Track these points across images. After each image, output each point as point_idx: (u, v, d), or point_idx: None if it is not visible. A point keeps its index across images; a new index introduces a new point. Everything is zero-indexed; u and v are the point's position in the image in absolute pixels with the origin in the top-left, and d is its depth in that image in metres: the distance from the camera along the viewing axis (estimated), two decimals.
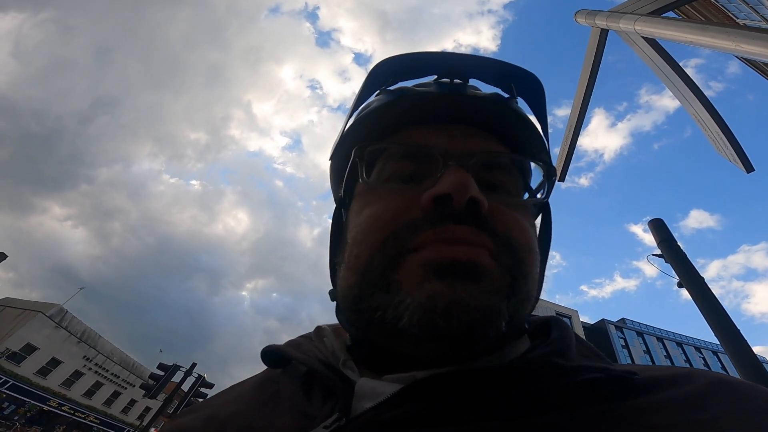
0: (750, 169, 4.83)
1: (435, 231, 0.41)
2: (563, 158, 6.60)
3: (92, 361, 33.73)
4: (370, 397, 0.39)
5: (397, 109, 0.53)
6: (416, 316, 0.37)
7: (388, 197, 0.46)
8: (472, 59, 0.55)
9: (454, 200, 0.41)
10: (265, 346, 0.53)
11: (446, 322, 0.36)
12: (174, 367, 14.79)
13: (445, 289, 0.37)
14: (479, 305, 0.37)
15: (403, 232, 0.42)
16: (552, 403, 0.35)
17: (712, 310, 4.44)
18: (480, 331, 0.37)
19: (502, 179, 0.49)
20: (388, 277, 0.41)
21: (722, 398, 0.35)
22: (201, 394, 15.26)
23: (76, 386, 32.45)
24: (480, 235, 0.41)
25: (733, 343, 4.14)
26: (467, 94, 0.52)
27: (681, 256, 5.15)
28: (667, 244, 5.31)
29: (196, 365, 15.88)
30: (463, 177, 0.42)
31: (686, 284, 4.91)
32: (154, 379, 14.44)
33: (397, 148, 0.50)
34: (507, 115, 0.52)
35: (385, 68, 0.54)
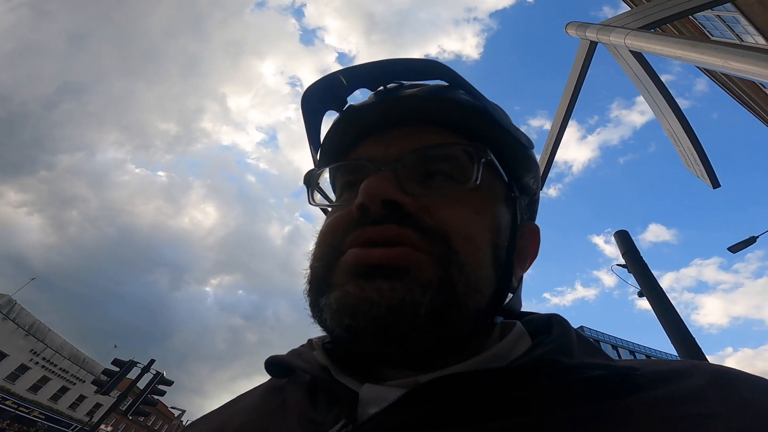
0: (716, 184, 5.09)
1: (354, 234, 0.44)
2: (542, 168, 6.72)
3: (40, 355, 32.31)
4: (375, 402, 0.39)
5: (344, 128, 0.57)
6: (330, 316, 0.40)
7: (335, 212, 0.51)
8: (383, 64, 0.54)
9: (369, 206, 0.43)
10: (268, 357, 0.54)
11: (353, 320, 0.38)
12: (130, 363, 14.25)
13: (354, 289, 0.40)
14: (386, 302, 0.38)
15: (336, 240, 0.46)
16: (555, 402, 0.36)
17: (671, 319, 4.58)
18: (389, 327, 0.38)
19: (441, 169, 0.49)
20: (326, 281, 0.44)
21: (725, 391, 0.35)
22: (159, 392, 14.79)
23: (22, 380, 31.03)
24: (400, 229, 0.42)
25: (689, 352, 4.26)
26: (399, 96, 0.53)
27: (643, 267, 5.34)
28: (631, 255, 5.49)
29: (154, 361, 15.37)
30: (373, 183, 0.44)
31: (647, 294, 5.09)
32: (107, 375, 13.86)
33: (342, 167, 0.55)
34: (444, 105, 0.52)
35: (313, 94, 0.56)
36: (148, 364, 15.19)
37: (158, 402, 15.12)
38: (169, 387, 15.33)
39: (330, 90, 0.56)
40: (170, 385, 15.35)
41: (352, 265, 0.41)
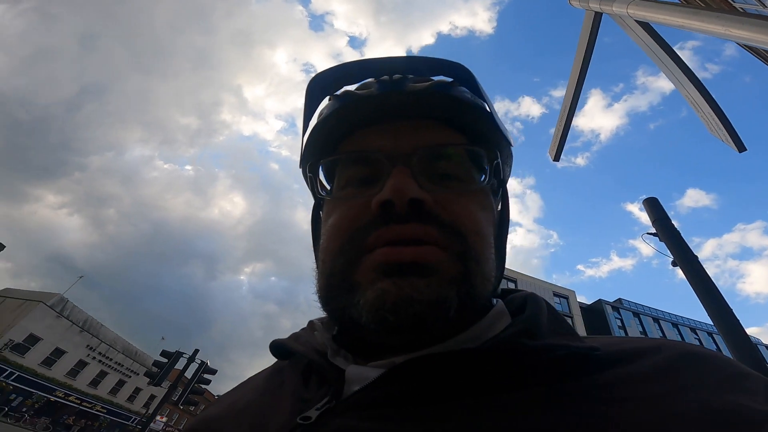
0: (742, 148, 4.88)
1: (380, 232, 0.45)
2: (558, 139, 6.56)
3: (95, 350, 33.99)
4: (358, 381, 0.44)
5: (343, 116, 0.56)
6: (370, 314, 0.41)
7: (345, 205, 0.51)
8: (401, 60, 0.55)
9: (395, 204, 0.45)
10: (269, 338, 0.60)
11: (394, 316, 0.40)
12: (177, 354, 14.83)
13: (391, 287, 0.41)
14: (424, 298, 0.41)
15: (356, 236, 0.46)
16: (514, 383, 0.38)
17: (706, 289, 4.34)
18: (428, 321, 0.41)
19: (450, 168, 0.52)
20: (349, 278, 0.45)
21: (687, 370, 0.37)
22: (204, 380, 15.37)
23: (81, 376, 32.81)
24: (425, 228, 0.45)
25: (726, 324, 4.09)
26: (407, 89, 0.54)
27: (675, 234, 5.12)
28: (662, 223, 5.27)
29: (198, 351, 15.97)
30: (401, 181, 0.46)
31: (680, 263, 4.86)
32: (157, 367, 14.51)
33: (347, 157, 0.55)
34: (448, 101, 0.54)
35: (319, 81, 0.56)
36: (193, 354, 15.77)
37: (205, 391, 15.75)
38: (213, 376, 15.89)
39: (335, 80, 0.57)
40: (214, 374, 15.93)
41: (383, 264, 0.43)
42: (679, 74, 4.42)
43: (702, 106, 4.74)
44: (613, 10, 4.31)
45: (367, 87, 0.56)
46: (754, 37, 2.90)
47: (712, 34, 3.14)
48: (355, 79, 0.57)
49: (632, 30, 4.35)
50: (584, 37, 5.17)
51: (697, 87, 4.44)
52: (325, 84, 0.57)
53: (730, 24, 2.96)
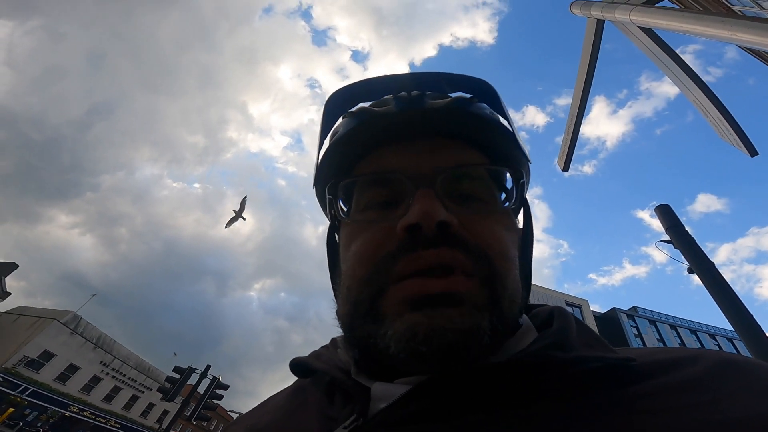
0: (754, 153, 4.80)
1: (407, 260, 0.44)
2: (566, 148, 6.52)
3: (109, 366, 34.20)
4: (384, 398, 0.43)
5: (361, 134, 0.54)
6: (400, 345, 0.40)
7: (368, 230, 0.49)
8: (423, 77, 0.54)
9: (423, 228, 0.43)
10: (280, 353, 0.65)
11: (427, 347, 0.39)
12: (189, 370, 14.91)
13: (422, 318, 0.40)
14: (457, 327, 0.40)
15: (382, 264, 0.45)
16: (548, 396, 0.37)
17: (724, 295, 4.35)
18: (461, 350, 0.40)
19: (473, 188, 0.50)
20: (375, 308, 0.44)
21: (726, 379, 0.36)
22: (216, 396, 15.38)
23: (96, 391, 32.96)
24: (452, 252, 0.43)
25: (746, 329, 4.05)
26: (426, 106, 0.52)
27: (689, 241, 5.05)
28: (675, 230, 5.21)
29: (210, 367, 16.01)
30: (429, 203, 0.45)
31: (696, 270, 4.80)
32: (170, 382, 14.54)
33: (367, 179, 0.52)
34: (468, 120, 0.53)
35: (339, 97, 0.55)
36: (205, 370, 15.83)
37: (217, 406, 15.75)
38: (225, 391, 15.91)
39: (356, 97, 0.55)
40: (226, 389, 15.95)
41: (413, 296, 0.42)
42: (685, 79, 4.37)
43: (710, 110, 4.67)
44: (615, 17, 4.29)
45: (385, 104, 0.54)
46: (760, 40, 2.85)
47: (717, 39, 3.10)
48: (374, 96, 0.56)
49: (636, 36, 4.33)
50: (588, 45, 5.15)
51: (704, 91, 4.38)
52: (342, 101, 0.55)
53: (736, 28, 2.92)
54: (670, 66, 4.35)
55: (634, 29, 4.20)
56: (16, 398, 26.24)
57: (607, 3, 4.55)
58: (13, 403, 25.72)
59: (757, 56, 8.04)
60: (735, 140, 4.84)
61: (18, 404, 26.20)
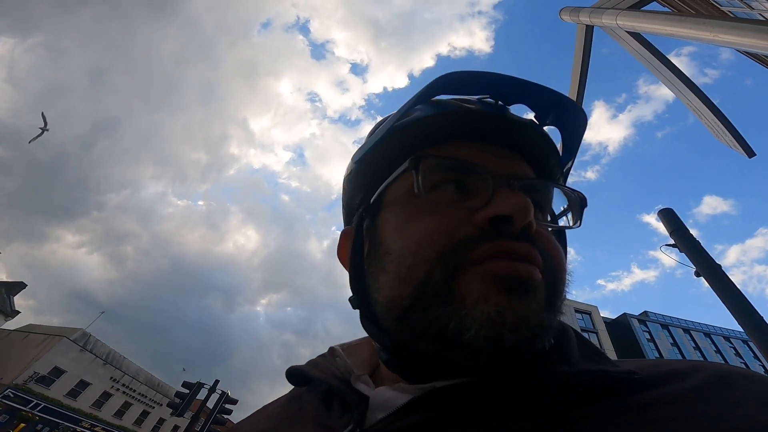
0: (751, 154, 4.77)
1: (495, 245, 0.42)
2: None
3: (119, 381, 34.12)
4: (383, 408, 0.43)
5: (443, 122, 0.53)
6: (484, 330, 0.38)
7: (438, 211, 0.46)
8: (523, 84, 0.53)
9: (515, 222, 0.42)
10: (288, 366, 0.59)
11: (514, 335, 0.38)
12: (198, 385, 14.89)
13: (513, 304, 0.39)
14: (538, 321, 0.39)
15: (462, 245, 0.43)
16: (551, 407, 0.37)
17: (732, 297, 4.29)
18: (539, 343, 0.39)
19: (541, 203, 0.51)
20: (450, 289, 0.41)
21: (728, 389, 0.36)
22: (226, 410, 15.36)
23: (107, 407, 32.87)
24: (534, 251, 0.43)
25: (756, 330, 3.99)
26: (510, 117, 0.53)
27: (694, 244, 4.99)
28: (680, 233, 5.15)
29: (219, 382, 15.99)
30: (524, 201, 0.43)
31: (703, 273, 4.74)
32: (179, 398, 14.53)
33: (446, 162, 0.49)
34: (542, 142, 0.54)
35: (443, 83, 0.52)
36: (214, 385, 15.81)
37: (227, 421, 15.69)
38: (234, 405, 15.89)
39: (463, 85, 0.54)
40: (235, 404, 15.91)
41: (500, 276, 0.40)
42: (678, 83, 4.38)
43: (704, 113, 4.67)
44: (602, 22, 4.32)
45: (469, 102, 0.55)
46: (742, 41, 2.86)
47: (700, 41, 3.12)
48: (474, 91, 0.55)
49: (624, 41, 4.35)
50: (579, 51, 5.18)
51: (697, 94, 4.38)
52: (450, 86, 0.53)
53: (717, 29, 2.95)
54: (661, 70, 4.37)
55: (623, 34, 4.23)
56: (27, 414, 26.35)
57: (595, 9, 4.59)
58: (24, 418, 25.84)
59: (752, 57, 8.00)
60: (731, 142, 4.82)
61: (30, 420, 26.30)
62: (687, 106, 4.83)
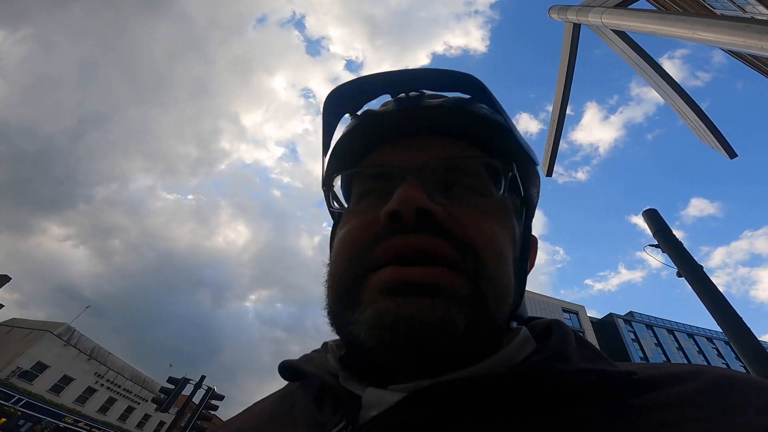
0: (733, 155, 4.84)
1: (386, 245, 0.43)
2: (548, 153, 6.54)
3: (104, 377, 33.83)
4: (376, 406, 0.41)
5: (363, 133, 0.55)
6: (367, 332, 0.40)
7: (357, 217, 0.49)
8: (412, 73, 0.54)
9: (402, 214, 0.43)
10: (279, 362, 0.57)
11: (392, 337, 0.39)
12: (183, 381, 14.80)
13: (391, 306, 0.40)
14: (426, 319, 0.39)
15: (363, 250, 0.45)
16: (548, 407, 0.36)
17: (713, 298, 4.39)
18: (430, 343, 0.39)
19: (465, 180, 0.50)
20: (355, 294, 0.43)
21: (729, 394, 0.36)
22: (212, 406, 15.25)
23: (90, 402, 32.55)
24: (437, 242, 0.43)
25: (736, 332, 4.07)
26: (422, 105, 0.53)
27: (677, 245, 5.07)
28: (663, 234, 5.23)
29: (205, 377, 15.91)
30: (409, 190, 0.44)
31: (684, 273, 4.80)
32: (164, 393, 14.44)
33: (359, 171, 0.54)
34: (466, 117, 0.53)
35: (337, 97, 0.55)
36: (200, 381, 15.73)
37: (213, 416, 15.60)
38: (220, 401, 15.79)
39: (352, 95, 0.55)
40: (221, 400, 15.82)
41: (388, 283, 0.41)
42: (662, 82, 4.42)
43: (687, 113, 4.72)
44: (588, 20, 4.34)
45: (385, 104, 0.56)
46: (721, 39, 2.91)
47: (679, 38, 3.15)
48: (371, 95, 0.56)
49: (610, 40, 4.38)
50: (566, 49, 5.20)
51: (681, 95, 4.42)
52: (341, 101, 0.56)
53: (697, 27, 2.98)
54: (645, 69, 4.40)
55: (608, 32, 4.25)
56: (9, 409, 25.97)
57: (583, 7, 4.60)
58: (6, 413, 25.46)
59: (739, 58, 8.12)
60: (713, 142, 4.89)
61: (11, 415, 25.91)
62: (671, 106, 4.88)
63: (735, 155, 4.88)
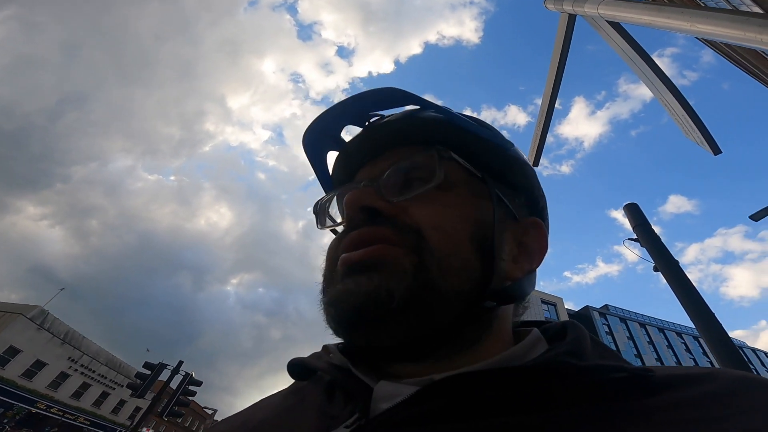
0: (717, 151, 4.94)
1: (342, 243, 0.50)
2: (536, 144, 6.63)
3: (78, 362, 33.26)
4: (388, 398, 0.42)
5: (342, 163, 0.64)
6: (324, 312, 0.48)
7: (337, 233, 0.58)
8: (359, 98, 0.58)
9: (350, 214, 0.51)
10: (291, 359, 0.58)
11: (336, 310, 0.46)
12: (160, 366, 14.63)
13: (340, 286, 0.47)
14: (362, 290, 0.44)
15: (335, 252, 0.52)
16: (566, 401, 0.37)
17: (687, 293, 4.45)
18: (366, 311, 0.43)
19: (417, 176, 0.54)
20: (327, 288, 0.52)
21: (746, 395, 0.36)
22: (189, 392, 15.19)
23: (64, 388, 32.02)
24: (378, 229, 0.49)
25: (708, 328, 4.13)
26: (379, 125, 0.60)
27: (655, 239, 5.15)
28: (642, 228, 5.31)
29: (182, 363, 15.77)
30: (351, 194, 0.51)
31: (661, 268, 4.88)
32: (140, 378, 14.29)
33: (337, 193, 0.62)
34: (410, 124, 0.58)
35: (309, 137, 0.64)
36: (177, 366, 15.60)
37: (191, 402, 15.53)
38: (199, 387, 15.73)
39: (324, 132, 0.64)
40: (200, 386, 15.76)
41: (341, 270, 0.48)
42: (652, 76, 4.47)
43: (676, 108, 4.79)
44: (585, 11, 4.36)
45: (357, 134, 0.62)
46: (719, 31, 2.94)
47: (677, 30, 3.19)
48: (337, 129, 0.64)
49: (605, 32, 4.41)
50: (559, 40, 5.23)
51: (671, 90, 4.49)
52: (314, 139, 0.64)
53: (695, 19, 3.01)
54: (637, 62, 4.45)
55: (604, 24, 4.28)
56: None
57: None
58: None
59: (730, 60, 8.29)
60: (699, 138, 4.97)
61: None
62: (660, 101, 4.95)
63: (719, 152, 4.97)
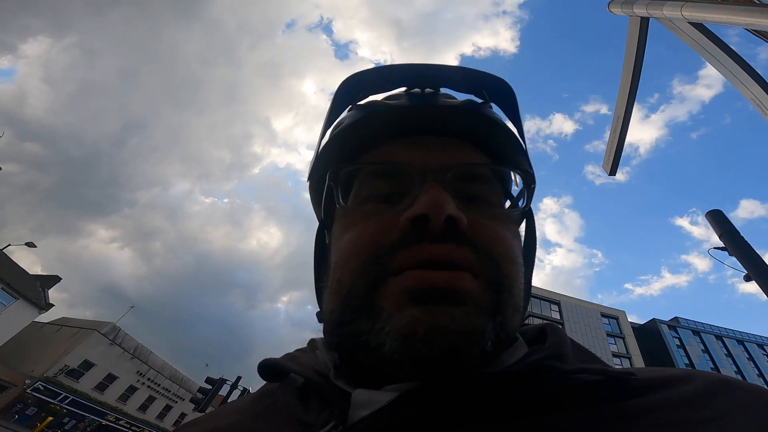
0: None
1: (411, 251, 0.40)
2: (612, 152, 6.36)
3: (145, 375, 35.10)
4: (366, 405, 0.39)
5: (370, 125, 0.52)
6: (397, 343, 0.37)
7: (367, 220, 0.46)
8: (440, 69, 0.53)
9: (431, 220, 0.40)
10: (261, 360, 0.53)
11: (427, 347, 0.36)
12: (221, 381, 15.12)
13: (424, 315, 0.37)
14: (460, 328, 0.37)
15: (382, 255, 0.41)
16: (547, 405, 0.36)
17: None
18: (463, 353, 0.37)
19: (481, 190, 0.48)
20: (371, 301, 0.40)
21: (723, 398, 0.35)
22: None
23: (132, 401, 33.81)
24: (460, 250, 0.40)
25: None
26: (439, 104, 0.51)
27: (746, 246, 4.84)
28: (730, 236, 5.00)
29: (240, 378, 16.21)
30: (439, 195, 0.41)
31: (755, 276, 4.58)
32: (202, 393, 14.78)
33: (372, 168, 0.50)
34: (481, 122, 0.51)
35: (352, 84, 0.53)
36: (236, 381, 16.05)
37: None
38: None
39: (369, 86, 0.54)
40: None
41: (414, 288, 0.39)
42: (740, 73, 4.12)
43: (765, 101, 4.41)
44: (663, 13, 4.09)
45: (397, 98, 0.53)
46: None
47: None
48: (387, 86, 0.55)
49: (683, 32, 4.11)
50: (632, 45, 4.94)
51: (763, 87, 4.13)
52: (353, 90, 0.53)
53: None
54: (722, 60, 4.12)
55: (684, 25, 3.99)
56: (55, 407, 27.16)
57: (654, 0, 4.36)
58: (52, 411, 26.65)
59: None
60: None
61: (57, 412, 27.12)
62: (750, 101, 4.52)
63: None
